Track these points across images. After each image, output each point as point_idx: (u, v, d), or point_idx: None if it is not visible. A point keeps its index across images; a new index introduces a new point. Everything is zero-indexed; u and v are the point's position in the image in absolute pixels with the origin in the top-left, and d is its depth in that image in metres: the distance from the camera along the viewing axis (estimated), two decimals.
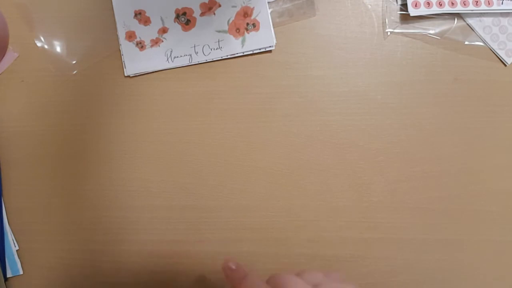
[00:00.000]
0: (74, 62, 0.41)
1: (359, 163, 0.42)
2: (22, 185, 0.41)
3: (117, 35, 0.41)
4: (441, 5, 0.41)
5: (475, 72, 0.42)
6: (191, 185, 0.41)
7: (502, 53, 0.42)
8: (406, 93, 0.42)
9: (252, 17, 0.40)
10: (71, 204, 0.41)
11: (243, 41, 0.41)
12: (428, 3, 0.41)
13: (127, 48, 0.41)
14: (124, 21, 0.40)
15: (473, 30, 0.42)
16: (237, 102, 0.41)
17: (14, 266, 0.40)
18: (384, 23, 0.42)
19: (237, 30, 0.40)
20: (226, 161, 0.41)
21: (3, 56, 0.40)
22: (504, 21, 0.42)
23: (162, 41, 0.41)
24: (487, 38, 0.42)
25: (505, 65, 0.43)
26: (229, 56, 0.41)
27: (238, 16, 0.40)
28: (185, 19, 0.41)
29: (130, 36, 0.41)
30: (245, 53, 0.41)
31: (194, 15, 0.41)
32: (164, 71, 0.41)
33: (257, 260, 0.41)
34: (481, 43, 0.43)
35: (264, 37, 0.40)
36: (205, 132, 0.41)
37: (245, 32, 0.41)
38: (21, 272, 0.40)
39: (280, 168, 0.41)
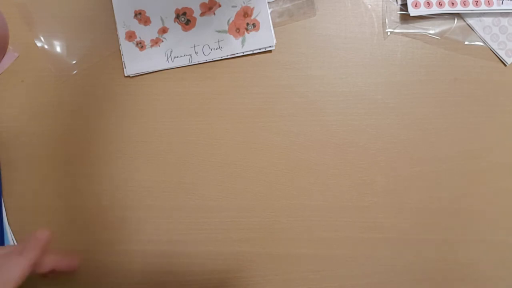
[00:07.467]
0: (74, 62, 0.41)
1: (359, 163, 0.42)
2: (22, 185, 0.41)
3: (117, 35, 0.41)
4: (441, 5, 0.41)
5: (475, 72, 0.42)
6: (191, 185, 0.41)
7: (502, 53, 0.42)
8: (406, 93, 0.42)
9: (252, 17, 0.40)
10: (71, 204, 0.41)
11: (243, 41, 0.41)
12: (428, 3, 0.41)
13: (127, 48, 0.41)
14: (124, 21, 0.40)
15: (473, 30, 0.42)
16: (237, 102, 0.41)
17: None
18: (384, 23, 0.42)
19: (237, 30, 0.40)
20: (226, 161, 0.41)
21: (3, 56, 0.40)
22: (504, 21, 0.42)
23: (162, 41, 0.41)
24: (487, 38, 0.42)
25: (505, 65, 0.43)
26: (229, 56, 0.41)
27: (238, 16, 0.40)
28: (185, 19, 0.41)
29: (130, 36, 0.41)
30: (245, 53, 0.41)
31: (194, 15, 0.41)
32: (164, 71, 0.41)
33: (257, 260, 0.41)
34: (481, 43, 0.43)
35: (264, 37, 0.40)
36: (205, 132, 0.41)
37: (245, 32, 0.41)
38: None
39: (280, 168, 0.41)
